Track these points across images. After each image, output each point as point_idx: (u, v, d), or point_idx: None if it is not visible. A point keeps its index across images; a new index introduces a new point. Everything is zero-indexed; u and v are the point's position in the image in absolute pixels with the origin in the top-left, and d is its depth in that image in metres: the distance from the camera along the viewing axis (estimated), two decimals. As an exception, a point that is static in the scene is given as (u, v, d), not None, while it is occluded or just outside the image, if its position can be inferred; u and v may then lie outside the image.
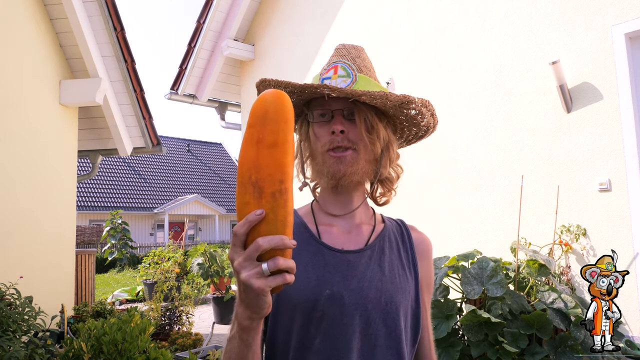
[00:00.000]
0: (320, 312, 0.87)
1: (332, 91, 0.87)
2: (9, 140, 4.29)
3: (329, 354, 0.86)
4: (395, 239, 1.00)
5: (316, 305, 0.88)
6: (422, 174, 4.15)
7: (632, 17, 3.03)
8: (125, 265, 16.23)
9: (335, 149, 0.92)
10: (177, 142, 28.92)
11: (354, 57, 0.96)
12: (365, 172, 0.95)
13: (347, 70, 0.93)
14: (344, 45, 0.98)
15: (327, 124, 0.93)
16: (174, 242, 8.17)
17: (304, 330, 0.88)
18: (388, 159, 0.98)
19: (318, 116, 0.94)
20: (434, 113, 0.99)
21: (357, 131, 0.92)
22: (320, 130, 0.94)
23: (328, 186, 0.97)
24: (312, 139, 0.96)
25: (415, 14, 4.33)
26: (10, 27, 4.33)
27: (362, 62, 0.96)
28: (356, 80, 0.92)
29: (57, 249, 4.90)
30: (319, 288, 0.89)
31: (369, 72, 0.96)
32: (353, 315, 0.88)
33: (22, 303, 3.26)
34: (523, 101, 3.55)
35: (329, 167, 0.92)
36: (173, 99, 6.27)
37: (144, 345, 3.19)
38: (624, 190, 3.02)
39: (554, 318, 2.57)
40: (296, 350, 0.88)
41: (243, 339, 0.76)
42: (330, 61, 0.97)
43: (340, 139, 0.91)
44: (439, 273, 2.86)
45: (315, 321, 0.87)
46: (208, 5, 5.71)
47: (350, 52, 0.97)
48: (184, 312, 5.50)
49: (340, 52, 0.97)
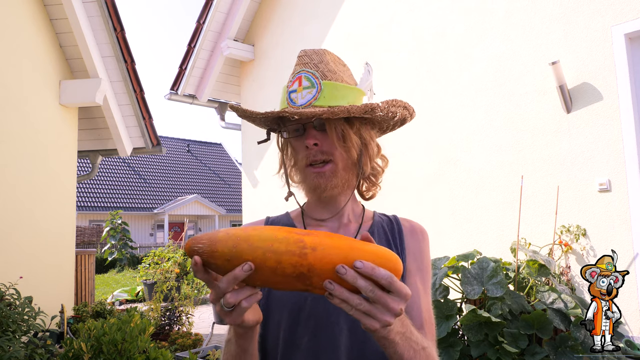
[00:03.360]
0: (308, 311, 0.90)
1: (292, 115, 0.89)
2: (9, 141, 4.29)
3: (317, 352, 0.88)
4: (385, 234, 1.01)
5: (303, 305, 0.90)
6: (422, 174, 4.15)
7: (631, 17, 3.03)
8: (125, 266, 16.22)
9: (313, 163, 0.94)
10: (177, 143, 28.91)
11: (317, 64, 0.95)
12: (346, 180, 0.97)
13: (312, 80, 0.93)
14: (305, 52, 0.98)
15: (301, 137, 0.95)
16: (174, 243, 8.17)
17: (292, 330, 0.90)
18: (368, 157, 0.98)
19: (292, 131, 0.96)
20: (406, 106, 0.99)
21: (329, 141, 0.93)
22: (297, 144, 0.96)
23: (313, 199, 1.00)
24: (291, 151, 1.00)
25: (416, 14, 4.33)
26: (11, 27, 4.33)
27: (325, 66, 0.95)
28: (321, 89, 0.92)
29: (57, 249, 4.90)
30: None
31: (334, 76, 0.94)
32: (340, 313, 0.89)
33: (22, 303, 3.26)
34: (523, 101, 3.55)
35: (310, 182, 0.95)
36: (173, 99, 6.26)
37: (144, 346, 3.19)
38: (623, 191, 3.02)
39: (554, 318, 2.57)
40: (285, 348, 0.90)
41: (239, 344, 0.79)
42: (294, 71, 0.96)
43: (315, 152, 0.93)
44: (439, 273, 2.86)
45: (302, 321, 0.90)
46: (208, 5, 5.71)
47: (313, 58, 0.96)
48: (184, 312, 5.50)
49: (303, 59, 0.96)
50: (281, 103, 0.97)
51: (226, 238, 0.66)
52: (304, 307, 0.90)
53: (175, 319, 5.40)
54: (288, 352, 0.89)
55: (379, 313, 0.66)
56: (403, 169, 4.23)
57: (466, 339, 2.71)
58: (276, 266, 0.65)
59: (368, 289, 0.65)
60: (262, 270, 0.66)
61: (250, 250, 0.65)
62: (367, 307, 0.66)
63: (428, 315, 0.94)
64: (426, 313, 0.93)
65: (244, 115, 0.99)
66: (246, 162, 6.08)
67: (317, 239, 0.66)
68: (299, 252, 0.65)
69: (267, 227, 0.69)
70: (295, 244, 0.65)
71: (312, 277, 0.66)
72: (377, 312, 0.66)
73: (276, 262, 0.65)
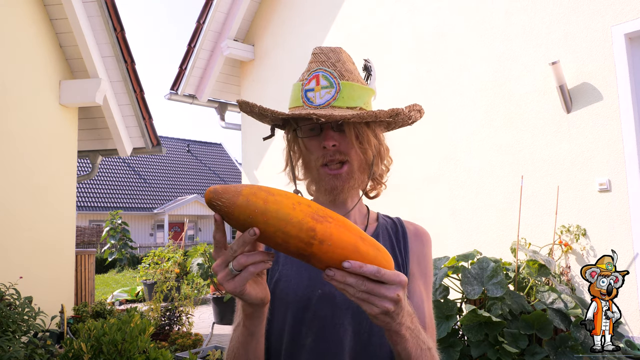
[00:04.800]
0: (312, 311, 0.89)
1: (321, 117, 0.86)
2: (9, 141, 4.29)
3: (321, 353, 0.87)
4: (389, 237, 1.00)
5: (308, 304, 0.89)
6: (422, 174, 4.15)
7: (631, 17, 3.03)
8: (125, 266, 16.22)
9: (330, 163, 0.92)
10: (177, 143, 28.91)
11: (334, 62, 0.93)
12: (361, 181, 0.96)
13: (330, 80, 0.91)
14: (321, 49, 0.95)
15: (317, 137, 0.93)
16: (174, 243, 8.17)
17: (296, 329, 0.89)
18: (380, 158, 0.98)
19: (307, 131, 0.94)
20: (420, 109, 0.99)
21: (347, 142, 0.92)
22: (312, 144, 0.94)
23: (325, 200, 0.98)
24: (303, 151, 0.97)
25: (416, 14, 4.33)
26: (11, 27, 4.33)
27: (342, 65, 0.93)
28: (340, 90, 0.90)
29: (57, 249, 4.90)
30: (311, 287, 0.90)
31: (351, 76, 0.93)
32: (345, 314, 0.89)
33: (21, 303, 3.26)
34: (523, 101, 3.55)
35: (326, 184, 0.93)
36: (173, 99, 6.27)
37: (144, 346, 3.19)
38: (623, 191, 3.02)
39: (554, 318, 2.57)
40: (289, 348, 0.89)
41: (247, 326, 0.78)
42: (310, 69, 0.94)
43: (332, 152, 0.91)
44: (439, 273, 2.86)
45: (307, 321, 0.89)
46: (208, 5, 5.71)
47: (330, 56, 0.94)
48: (184, 312, 5.50)
49: (319, 57, 0.94)
50: (294, 100, 0.94)
51: (245, 205, 0.67)
52: (309, 307, 0.89)
53: (175, 319, 5.40)
54: (292, 351, 0.89)
55: (377, 300, 0.68)
56: (403, 169, 4.23)
57: (466, 339, 2.71)
58: (282, 243, 0.68)
59: (359, 283, 0.67)
60: (268, 240, 0.69)
61: (263, 225, 0.67)
62: (365, 296, 0.68)
63: (430, 320, 0.94)
64: (428, 317, 0.94)
65: (260, 114, 0.96)
66: (246, 162, 6.08)
67: (328, 232, 0.68)
68: (307, 240, 0.67)
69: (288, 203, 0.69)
70: (306, 232, 0.67)
71: (310, 260, 0.70)
72: (375, 299, 0.68)
73: (283, 240, 0.68)
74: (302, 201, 0.70)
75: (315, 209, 0.70)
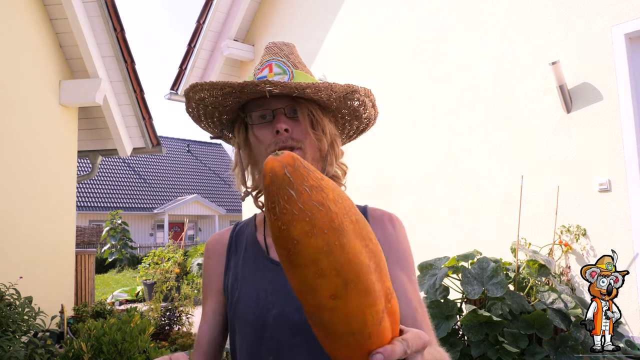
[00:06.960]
0: (270, 331, 0.84)
1: (275, 86, 0.81)
2: (9, 141, 4.29)
3: None
4: None
5: (265, 325, 0.85)
6: (422, 174, 4.15)
7: (631, 17, 3.03)
8: (125, 266, 16.22)
9: (281, 150, 0.87)
10: (177, 143, 28.91)
11: (287, 54, 0.91)
12: None
13: (283, 67, 0.88)
14: (274, 43, 0.94)
15: (269, 124, 0.87)
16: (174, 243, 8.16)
17: (256, 349, 0.85)
18: (334, 155, 0.93)
19: (258, 118, 0.88)
20: (375, 104, 0.95)
21: (301, 128, 0.87)
22: (262, 132, 0.88)
23: None
24: (253, 144, 0.90)
25: (416, 15, 4.33)
26: (10, 27, 4.33)
27: (295, 58, 0.92)
28: (293, 77, 0.87)
29: (57, 249, 4.89)
30: (266, 308, 0.85)
31: (304, 69, 0.92)
32: (301, 334, 0.82)
33: (21, 303, 3.26)
34: (523, 101, 3.55)
35: None
36: (173, 99, 6.26)
37: (144, 346, 3.19)
38: (623, 191, 3.02)
39: (554, 318, 2.57)
40: None
41: None
42: (262, 60, 0.91)
43: (285, 138, 0.85)
44: (439, 273, 2.86)
45: (266, 341, 0.84)
46: (208, 5, 5.71)
47: (283, 49, 0.93)
48: (184, 312, 5.50)
49: (272, 50, 0.92)
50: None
51: (316, 234, 0.48)
52: (266, 326, 0.84)
53: (175, 319, 5.40)
54: None
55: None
56: (403, 169, 4.23)
57: (466, 339, 2.71)
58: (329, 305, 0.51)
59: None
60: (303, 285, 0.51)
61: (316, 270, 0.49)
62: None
63: (418, 304, 0.86)
64: (416, 301, 0.86)
65: (213, 89, 0.86)
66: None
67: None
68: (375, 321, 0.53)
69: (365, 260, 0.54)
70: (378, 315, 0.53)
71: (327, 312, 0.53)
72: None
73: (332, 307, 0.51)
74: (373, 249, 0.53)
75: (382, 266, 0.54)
